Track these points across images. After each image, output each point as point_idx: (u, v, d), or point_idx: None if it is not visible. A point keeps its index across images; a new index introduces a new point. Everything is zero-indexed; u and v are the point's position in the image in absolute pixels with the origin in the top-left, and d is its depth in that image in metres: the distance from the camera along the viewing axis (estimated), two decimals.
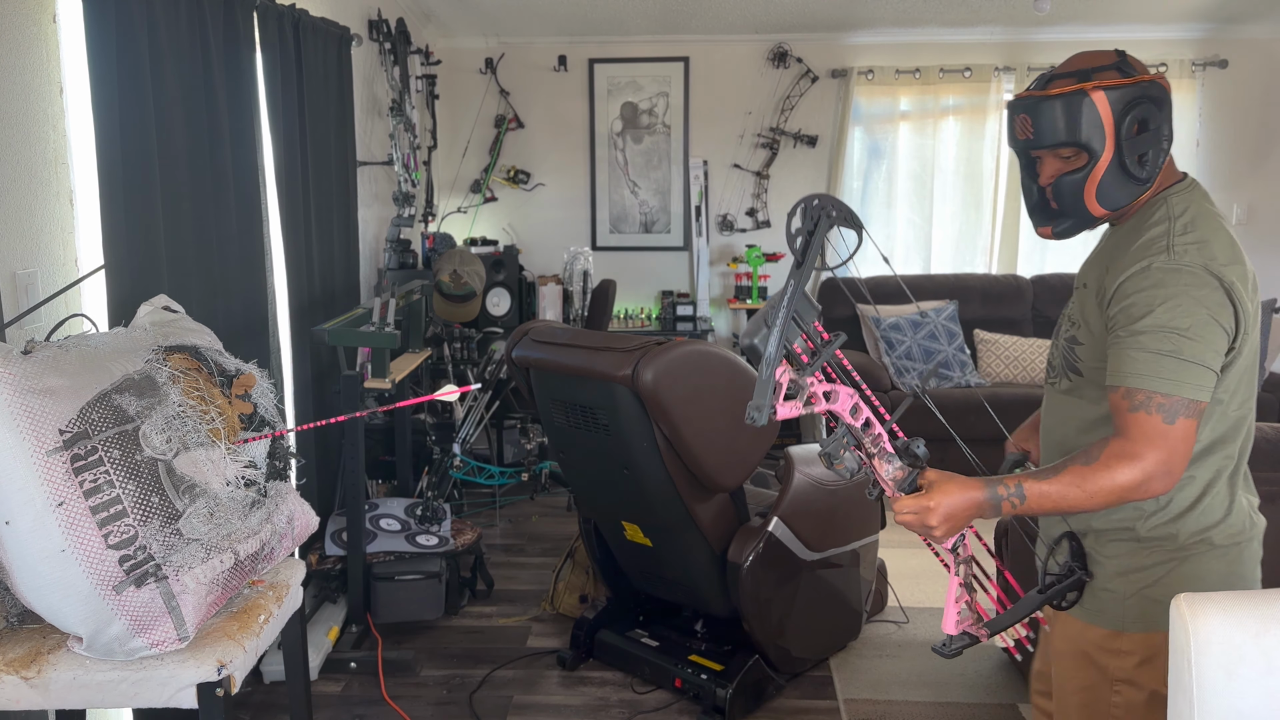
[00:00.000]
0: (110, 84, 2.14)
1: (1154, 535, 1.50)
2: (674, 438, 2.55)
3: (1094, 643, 1.55)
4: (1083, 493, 1.35)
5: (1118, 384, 1.39)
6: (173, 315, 1.79)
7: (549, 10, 4.97)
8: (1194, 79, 5.36)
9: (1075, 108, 1.41)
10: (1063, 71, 1.46)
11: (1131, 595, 1.51)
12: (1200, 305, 1.37)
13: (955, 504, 1.36)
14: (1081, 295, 1.54)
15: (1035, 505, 1.37)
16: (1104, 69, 1.43)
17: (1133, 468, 1.35)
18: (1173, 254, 1.41)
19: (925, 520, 1.34)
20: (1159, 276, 1.39)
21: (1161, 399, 1.35)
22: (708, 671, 2.79)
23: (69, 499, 1.38)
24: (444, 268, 4.32)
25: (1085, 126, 1.41)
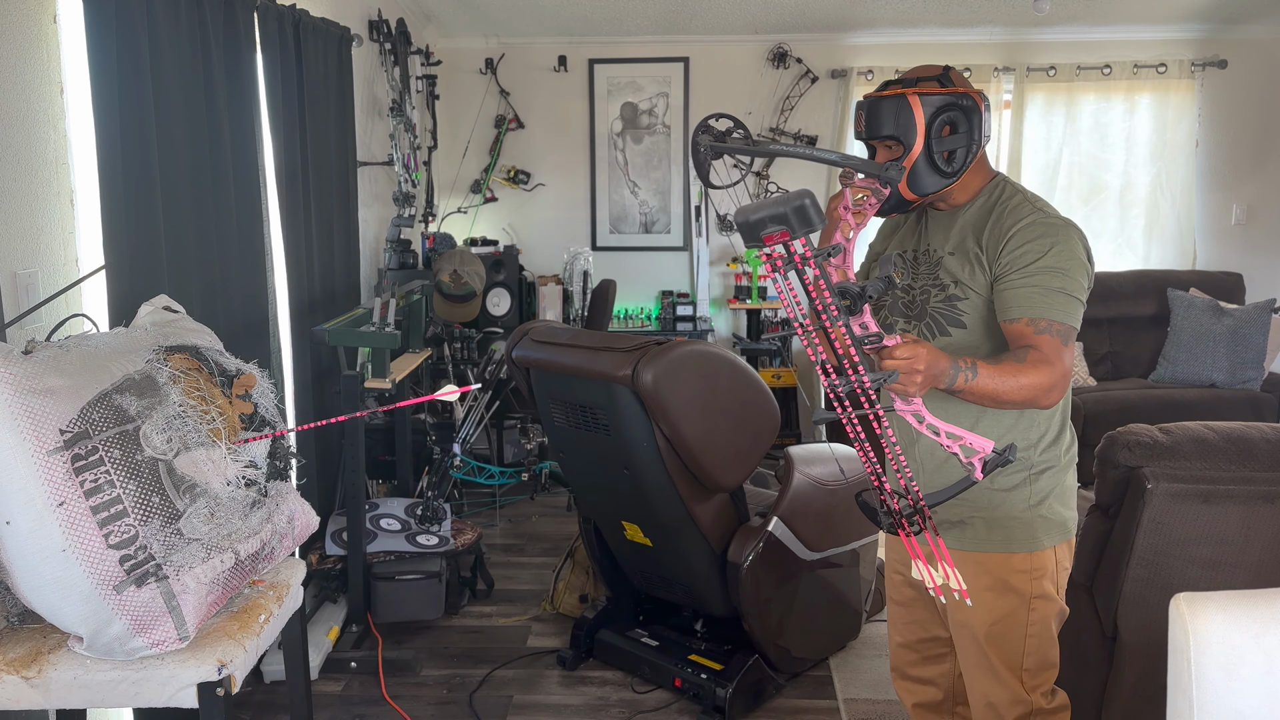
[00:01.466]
0: (110, 84, 2.14)
1: (1043, 460, 1.80)
2: (674, 438, 2.55)
3: (1011, 569, 1.81)
4: (1015, 384, 1.57)
5: (1020, 315, 1.66)
6: (173, 315, 1.79)
7: (549, 10, 4.97)
8: (1193, 79, 5.36)
9: (896, 108, 1.69)
10: (897, 79, 1.76)
11: (1035, 518, 1.80)
12: (1076, 253, 1.68)
13: (935, 359, 1.47)
14: (950, 262, 1.78)
15: (979, 385, 1.55)
16: (928, 79, 1.71)
17: (1049, 373, 1.60)
18: (1044, 213, 1.72)
19: (915, 365, 1.42)
20: (1041, 230, 1.69)
21: (1059, 326, 1.64)
22: (707, 671, 2.79)
23: (69, 499, 1.38)
24: (444, 268, 4.33)
25: (902, 124, 1.68)
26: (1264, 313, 4.82)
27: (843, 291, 1.33)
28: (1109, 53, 5.38)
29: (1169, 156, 5.44)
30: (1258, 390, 4.77)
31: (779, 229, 1.25)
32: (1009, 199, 1.76)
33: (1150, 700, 2.22)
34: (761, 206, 1.26)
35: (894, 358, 1.42)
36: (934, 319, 1.80)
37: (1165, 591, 2.09)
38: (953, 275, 1.77)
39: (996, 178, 1.82)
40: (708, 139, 1.62)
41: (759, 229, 1.26)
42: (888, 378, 1.37)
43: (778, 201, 1.25)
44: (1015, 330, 1.67)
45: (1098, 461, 2.31)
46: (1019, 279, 1.68)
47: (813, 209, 1.24)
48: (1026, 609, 1.82)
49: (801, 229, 1.25)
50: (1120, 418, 2.73)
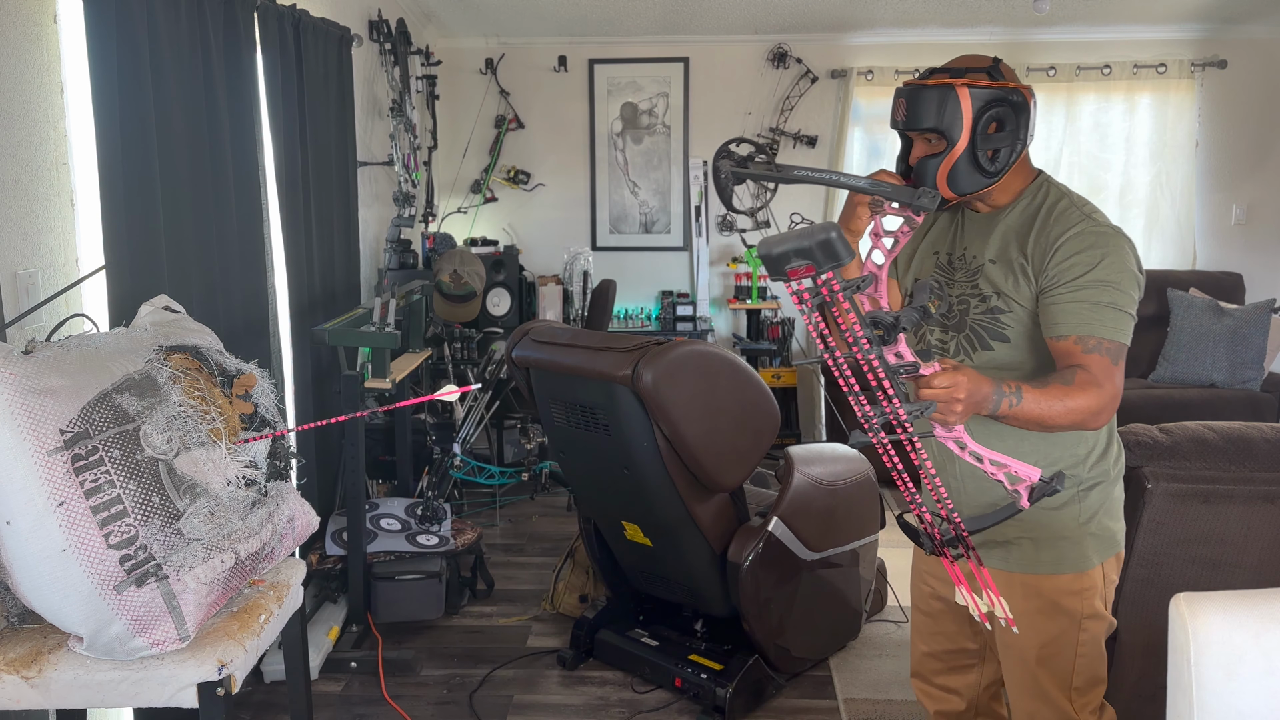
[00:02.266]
0: (110, 84, 2.14)
1: (1092, 476, 1.73)
2: (674, 438, 2.55)
3: (1062, 590, 1.73)
4: (1062, 408, 1.48)
5: (1068, 333, 1.56)
6: (173, 315, 1.79)
7: (549, 10, 4.97)
8: (1193, 79, 5.36)
9: (942, 99, 1.57)
10: (943, 68, 1.64)
11: (1085, 536, 1.73)
12: (1127, 264, 1.58)
13: (977, 386, 1.39)
14: (992, 270, 1.68)
15: (1023, 410, 1.45)
16: (976, 71, 1.61)
17: (1097, 395, 1.51)
18: (1094, 220, 1.61)
19: (955, 394, 1.34)
20: (1091, 239, 1.58)
21: (1109, 344, 1.55)
22: (708, 671, 2.79)
23: (69, 499, 1.38)
24: (444, 268, 4.32)
25: (948, 116, 1.57)
26: (1264, 313, 4.82)
27: (875, 321, 1.27)
28: (1109, 53, 5.38)
29: (1169, 156, 5.44)
30: (1258, 390, 4.77)
31: (804, 263, 1.19)
32: (1055, 203, 1.66)
33: (1150, 700, 2.22)
34: (785, 239, 1.20)
35: (932, 387, 1.34)
36: (975, 331, 1.70)
37: (1165, 591, 2.09)
38: (995, 285, 1.67)
39: (1039, 178, 1.72)
40: (729, 164, 1.56)
41: (783, 263, 1.20)
42: (925, 409, 1.30)
43: (802, 234, 1.19)
44: (1062, 348, 1.57)
45: None
46: (1066, 293, 1.58)
47: (839, 243, 1.17)
48: (1077, 629, 1.75)
49: (827, 263, 1.18)
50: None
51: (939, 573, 1.90)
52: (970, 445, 1.36)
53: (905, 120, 1.61)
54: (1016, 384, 1.46)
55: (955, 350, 1.73)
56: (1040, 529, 1.72)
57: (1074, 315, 1.56)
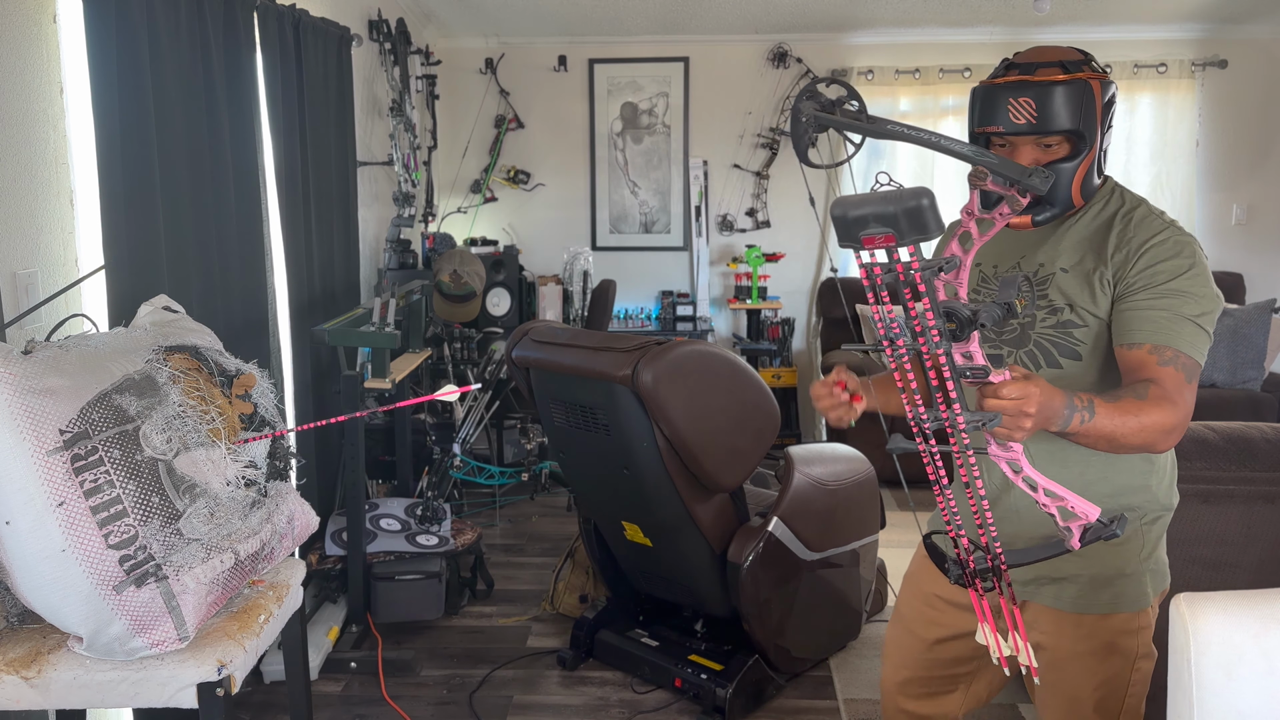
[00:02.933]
0: (110, 84, 2.14)
1: (1156, 506, 1.59)
2: (674, 438, 2.55)
3: (1117, 630, 1.59)
4: (1136, 424, 1.34)
5: (1144, 341, 1.42)
6: (173, 315, 1.78)
7: (549, 10, 4.97)
8: (1194, 79, 5.36)
9: (1080, 96, 1.43)
10: (1042, 60, 1.47)
11: (1145, 572, 1.59)
12: (1210, 279, 1.46)
13: (1049, 399, 1.25)
14: (1065, 281, 1.53)
15: (1097, 426, 1.32)
16: (1083, 63, 1.46)
17: (1171, 412, 1.37)
18: (1178, 229, 1.48)
19: (1025, 407, 1.19)
20: (1177, 248, 1.45)
21: (1185, 359, 1.41)
22: (708, 671, 2.79)
23: (69, 499, 1.38)
24: (444, 268, 4.32)
25: (1086, 115, 1.43)
26: (1264, 313, 4.82)
27: (950, 313, 1.12)
28: (1109, 53, 5.38)
29: (1169, 156, 5.44)
30: (1258, 390, 4.77)
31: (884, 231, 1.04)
32: (1133, 209, 1.52)
33: (1150, 700, 2.22)
34: (866, 201, 1.05)
35: (1000, 397, 1.18)
36: (1041, 347, 1.55)
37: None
38: (1067, 297, 1.52)
39: (1109, 182, 1.58)
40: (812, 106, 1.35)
41: (858, 228, 1.05)
42: (989, 420, 1.15)
43: (887, 198, 1.04)
44: (1135, 357, 1.43)
45: None
46: (1146, 299, 1.44)
47: (930, 213, 1.03)
48: (1130, 669, 1.61)
49: (911, 235, 1.04)
50: None
51: (949, 596, 1.72)
52: (1026, 469, 1.22)
53: (1036, 122, 1.43)
54: (1089, 397, 1.32)
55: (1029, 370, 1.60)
56: (1099, 564, 1.57)
57: (1152, 323, 1.43)
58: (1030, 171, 1.30)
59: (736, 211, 5.68)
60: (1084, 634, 1.59)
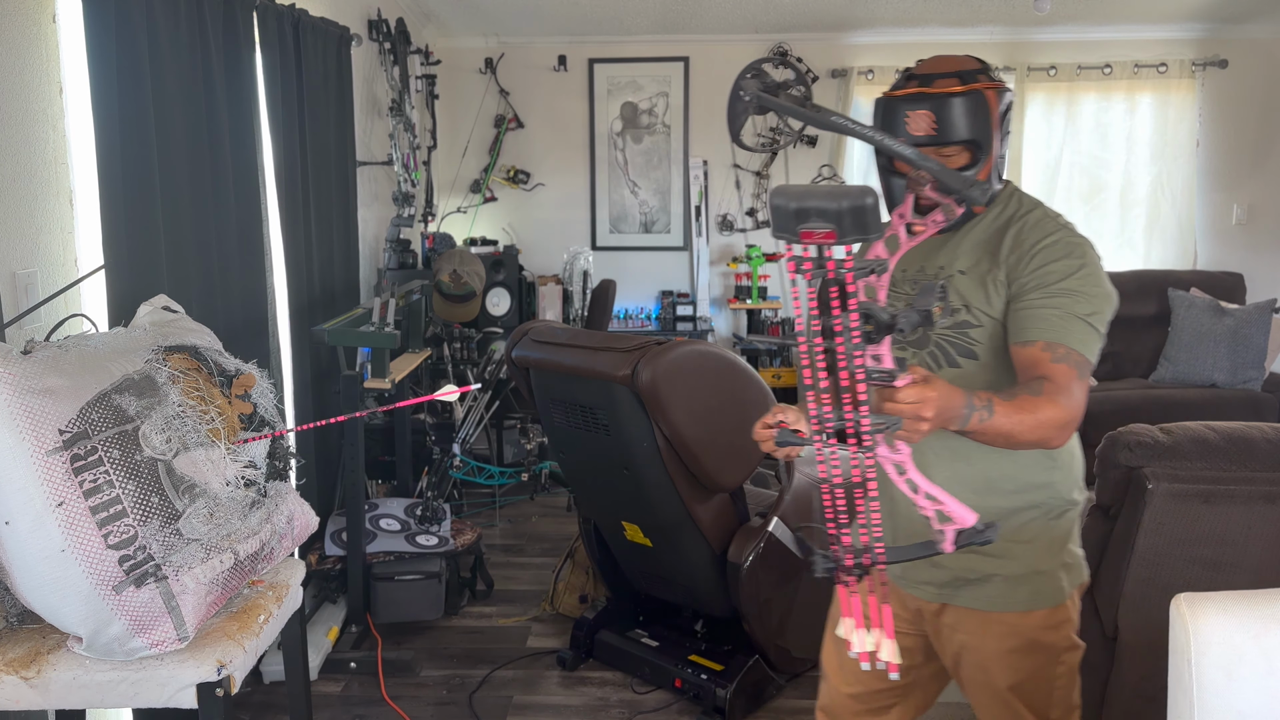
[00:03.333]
0: (110, 84, 2.14)
1: (1063, 503, 1.63)
2: (674, 438, 2.55)
3: (1038, 626, 1.62)
4: (1032, 420, 1.36)
5: (1037, 338, 1.46)
6: (173, 315, 1.78)
7: (549, 10, 4.97)
8: (1194, 79, 5.36)
9: (975, 107, 1.46)
10: (940, 71, 1.50)
11: (1059, 567, 1.62)
12: (1102, 280, 1.49)
13: (947, 401, 1.26)
14: (962, 283, 1.56)
15: (995, 424, 1.34)
16: (978, 72, 1.50)
17: (1064, 408, 1.40)
18: (1070, 230, 1.53)
19: (922, 411, 1.20)
20: (1068, 248, 1.49)
21: (1077, 356, 1.44)
22: (708, 671, 2.79)
23: (69, 499, 1.38)
24: (444, 268, 4.32)
25: (982, 125, 1.47)
26: (1264, 313, 4.81)
27: (868, 315, 1.10)
28: (1109, 52, 5.38)
29: (1169, 156, 5.44)
30: (1258, 390, 4.77)
31: (825, 227, 1.01)
32: (1028, 212, 1.57)
33: (1151, 700, 2.22)
34: (810, 194, 1.02)
35: (898, 401, 1.19)
36: (940, 348, 1.58)
37: (1166, 591, 2.08)
38: (964, 298, 1.56)
39: (1008, 186, 1.62)
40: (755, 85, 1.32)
41: (799, 220, 1.02)
42: (891, 424, 1.15)
43: (832, 194, 1.01)
44: (1029, 355, 1.47)
45: (1098, 461, 2.31)
46: (1039, 298, 1.48)
47: (873, 214, 1.00)
48: (1055, 664, 1.64)
49: (853, 234, 1.01)
50: (1120, 418, 2.73)
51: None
52: (910, 472, 1.21)
53: (936, 134, 1.47)
54: (988, 396, 1.34)
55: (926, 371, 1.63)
56: (1014, 564, 1.60)
57: (1045, 321, 1.46)
58: (972, 182, 1.32)
59: (736, 211, 5.68)
60: (1005, 632, 1.62)
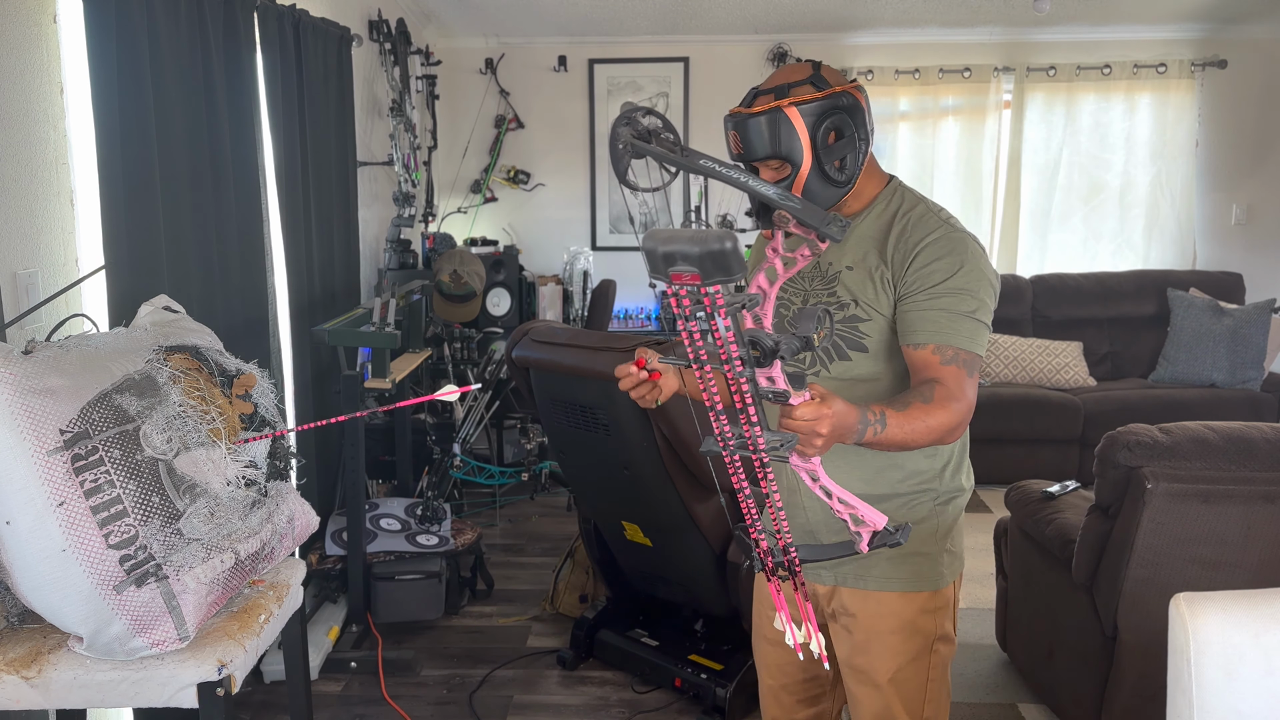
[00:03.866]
0: (110, 84, 2.14)
1: (948, 489, 1.68)
2: (673, 438, 2.55)
3: (918, 609, 1.67)
4: (924, 426, 1.42)
5: (926, 341, 1.52)
6: (173, 315, 1.79)
7: (549, 10, 4.97)
8: (1194, 79, 5.36)
9: (774, 124, 1.51)
10: (765, 88, 1.55)
11: (941, 553, 1.68)
12: (984, 272, 1.55)
13: (843, 419, 1.30)
14: (850, 278, 1.61)
15: (889, 435, 1.39)
16: (800, 84, 1.53)
17: (956, 411, 1.46)
18: (952, 226, 1.57)
19: (817, 428, 1.25)
20: (950, 245, 1.54)
21: (965, 355, 1.51)
22: (708, 671, 2.79)
23: (69, 499, 1.38)
24: (444, 268, 4.33)
25: (784, 140, 1.51)
26: (1264, 313, 4.82)
27: (754, 342, 1.17)
28: (1109, 53, 5.38)
29: (1169, 156, 5.44)
30: (1258, 390, 4.78)
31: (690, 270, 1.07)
32: (911, 208, 1.61)
33: (1150, 700, 2.22)
34: (675, 238, 1.08)
35: (794, 419, 1.24)
36: (832, 342, 1.63)
37: (1165, 591, 2.09)
38: (853, 293, 1.61)
39: (892, 182, 1.67)
40: (629, 133, 1.42)
41: (667, 264, 1.08)
42: (786, 441, 1.19)
43: (694, 239, 1.06)
44: (919, 357, 1.53)
45: (1098, 461, 2.31)
46: (925, 299, 1.54)
47: (733, 257, 1.05)
48: (929, 652, 1.69)
49: (716, 275, 1.06)
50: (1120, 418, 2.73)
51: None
52: (823, 479, 1.27)
53: (742, 153, 1.55)
54: (881, 409, 1.39)
55: (811, 361, 1.66)
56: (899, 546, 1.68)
57: (932, 323, 1.52)
58: (829, 219, 1.37)
59: (736, 211, 5.68)
60: (885, 612, 1.67)
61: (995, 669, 2.98)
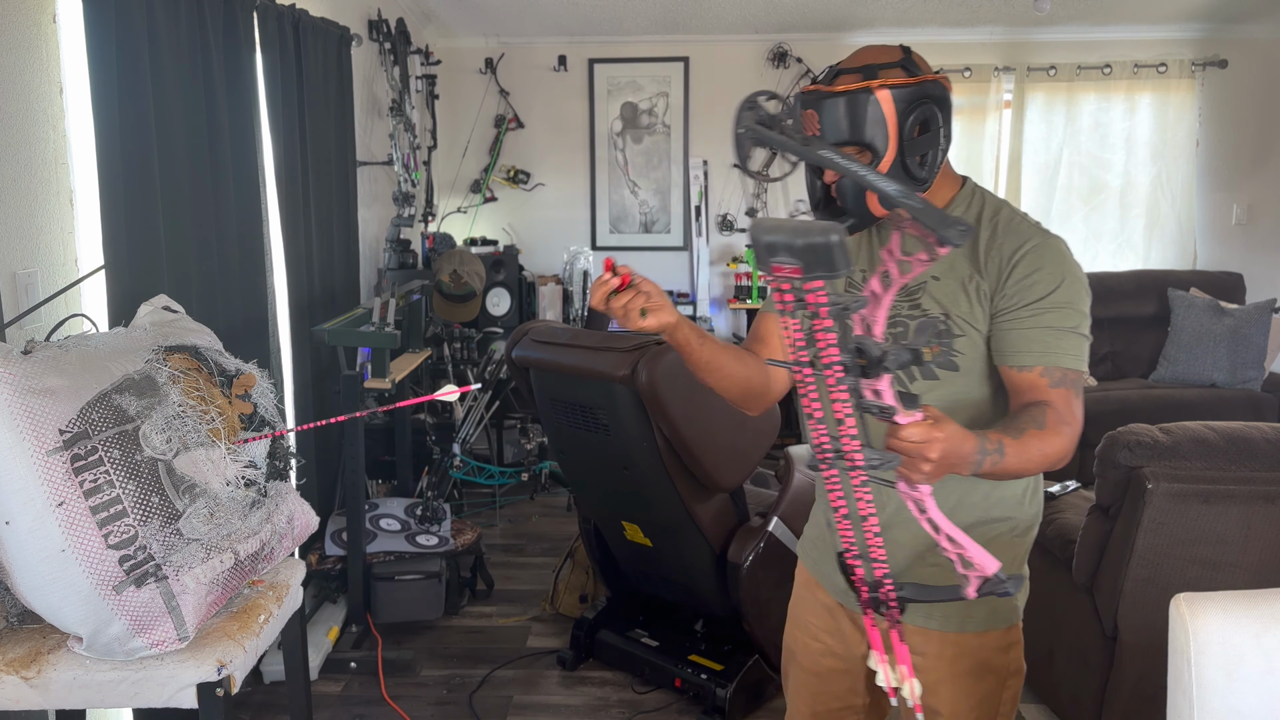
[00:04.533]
0: (110, 84, 2.14)
1: (1026, 518, 1.55)
2: (673, 438, 2.55)
3: (991, 647, 1.55)
4: (1039, 454, 1.32)
5: (1033, 364, 1.39)
6: (173, 315, 1.78)
7: (549, 10, 4.97)
8: (1194, 79, 5.36)
9: (861, 106, 1.37)
10: (849, 66, 1.42)
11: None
12: (1083, 281, 1.43)
13: (955, 445, 1.19)
14: (938, 290, 1.47)
15: (1006, 465, 1.28)
16: (889, 66, 1.40)
17: (1070, 436, 1.36)
18: (1046, 233, 1.44)
19: (925, 453, 1.14)
20: (1049, 255, 1.41)
21: (1073, 375, 1.39)
22: (708, 671, 2.79)
23: (69, 499, 1.38)
24: (444, 268, 4.33)
25: (869, 126, 1.37)
26: (1264, 313, 4.81)
27: (860, 349, 1.08)
28: (1109, 52, 5.38)
29: (1169, 156, 5.44)
30: (1258, 390, 4.77)
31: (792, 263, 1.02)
32: (997, 212, 1.48)
33: (1150, 700, 2.22)
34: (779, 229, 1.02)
35: (900, 439, 1.14)
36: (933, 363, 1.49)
37: (1165, 591, 2.09)
38: (943, 306, 1.45)
39: (967, 183, 1.54)
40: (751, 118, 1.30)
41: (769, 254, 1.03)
42: (888, 461, 1.12)
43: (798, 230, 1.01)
44: (1025, 380, 1.39)
45: (1098, 461, 2.31)
46: (1029, 316, 1.40)
47: (838, 252, 0.99)
48: (1001, 688, 1.58)
49: (817, 270, 1.01)
50: (1120, 418, 2.73)
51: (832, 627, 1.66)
52: (931, 511, 1.16)
53: (819, 135, 1.39)
54: (998, 437, 1.27)
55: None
56: None
57: (1039, 343, 1.39)
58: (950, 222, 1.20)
59: (737, 211, 5.68)
60: (958, 653, 1.55)
61: None
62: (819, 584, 1.67)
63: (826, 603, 1.65)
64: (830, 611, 1.65)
